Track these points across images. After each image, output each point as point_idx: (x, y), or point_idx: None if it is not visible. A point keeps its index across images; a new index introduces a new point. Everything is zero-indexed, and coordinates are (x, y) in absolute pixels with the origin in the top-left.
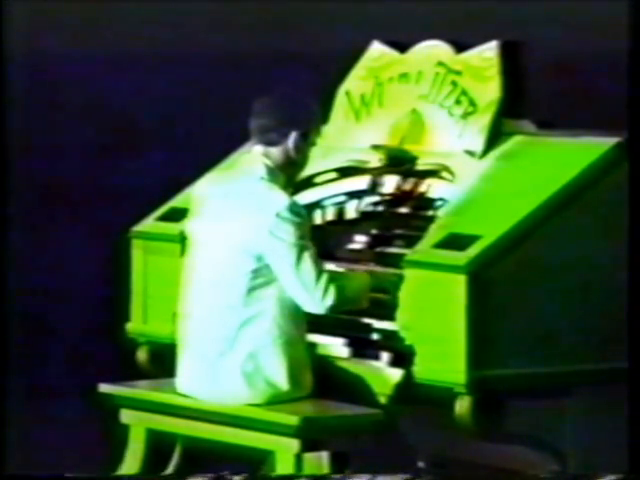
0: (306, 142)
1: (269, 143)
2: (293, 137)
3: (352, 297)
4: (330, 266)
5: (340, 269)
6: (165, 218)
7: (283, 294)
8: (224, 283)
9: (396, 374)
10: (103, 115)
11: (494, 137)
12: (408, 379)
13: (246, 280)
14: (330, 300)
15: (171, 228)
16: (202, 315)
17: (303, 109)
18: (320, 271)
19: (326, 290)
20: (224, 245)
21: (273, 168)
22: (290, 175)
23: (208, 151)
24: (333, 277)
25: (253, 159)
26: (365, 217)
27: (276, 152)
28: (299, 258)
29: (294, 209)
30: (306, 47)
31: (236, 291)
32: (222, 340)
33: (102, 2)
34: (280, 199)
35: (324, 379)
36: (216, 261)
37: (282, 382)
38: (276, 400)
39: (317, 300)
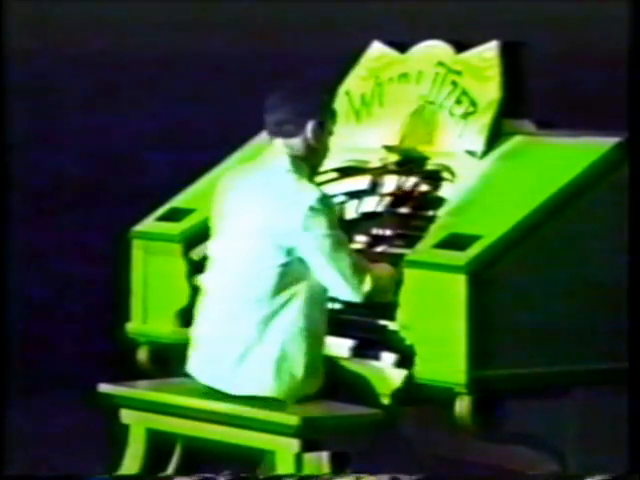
0: (323, 131)
1: (287, 135)
2: (311, 126)
3: (385, 286)
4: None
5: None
6: (165, 218)
7: (310, 286)
8: (252, 276)
9: (397, 374)
10: (102, 115)
11: (494, 137)
12: (409, 379)
13: (275, 273)
14: (367, 286)
15: (171, 228)
16: (227, 310)
17: (316, 99)
18: (356, 259)
19: (362, 277)
20: (252, 239)
21: (297, 159)
22: (313, 165)
23: (209, 151)
24: (367, 265)
25: (276, 152)
26: (365, 217)
27: (297, 143)
28: (334, 248)
29: (325, 201)
30: (306, 47)
31: (264, 284)
32: (250, 332)
33: (102, 2)
34: (311, 192)
35: (326, 379)
36: (243, 254)
37: (303, 376)
38: (295, 391)
39: (355, 287)
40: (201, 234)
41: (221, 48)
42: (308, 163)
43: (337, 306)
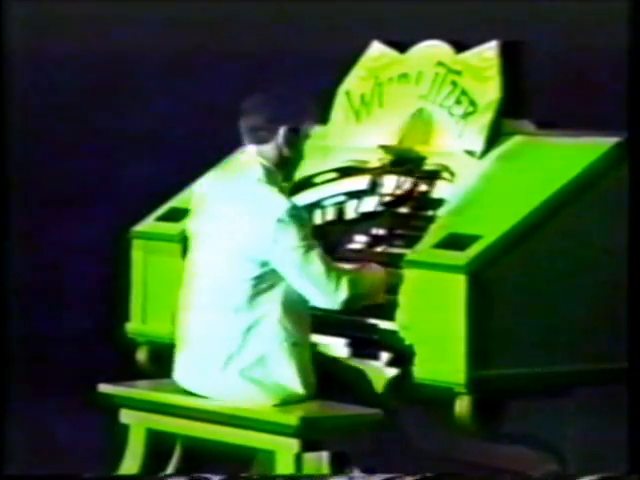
0: (298, 137)
1: (261, 141)
2: (282, 133)
3: (366, 291)
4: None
5: (350, 265)
6: (165, 218)
7: (286, 296)
8: (227, 288)
9: (388, 373)
10: (102, 114)
11: (494, 137)
12: (407, 378)
13: (250, 285)
14: (344, 294)
15: (171, 228)
16: (206, 319)
17: (291, 104)
18: (329, 267)
19: (338, 284)
20: (226, 250)
21: (269, 167)
22: (287, 172)
23: (208, 151)
24: (344, 272)
25: (249, 159)
26: (365, 217)
27: (269, 150)
28: (306, 259)
29: (294, 212)
30: (306, 47)
31: (240, 296)
32: (229, 345)
33: (103, 2)
34: (279, 203)
35: (324, 379)
36: (218, 266)
37: (294, 385)
38: (287, 402)
39: (330, 295)
40: None
41: (221, 48)
42: (281, 170)
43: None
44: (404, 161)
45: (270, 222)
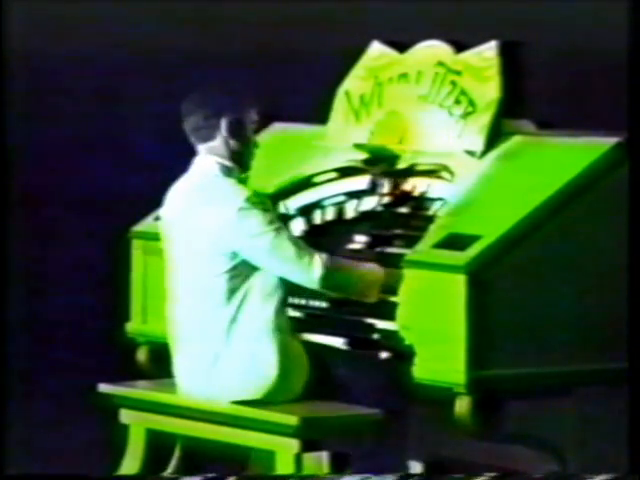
0: (242, 126)
1: (206, 140)
2: (224, 126)
3: (353, 281)
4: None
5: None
6: None
7: (262, 284)
8: (204, 287)
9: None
10: (101, 115)
11: (494, 137)
12: (407, 378)
13: (224, 280)
14: (318, 270)
15: None
16: (190, 320)
17: (227, 97)
18: (299, 247)
19: (311, 262)
20: (197, 250)
21: (222, 162)
22: (242, 162)
23: None
24: (312, 251)
25: (202, 159)
26: (365, 217)
27: (217, 146)
28: (275, 243)
29: (255, 200)
30: (306, 47)
31: (217, 292)
32: (214, 342)
33: (105, 2)
34: (238, 193)
35: (324, 379)
36: (192, 267)
37: (284, 372)
38: (276, 387)
39: (304, 271)
40: None
41: (221, 47)
42: (235, 162)
43: (326, 304)
44: (386, 159)
45: (232, 213)
